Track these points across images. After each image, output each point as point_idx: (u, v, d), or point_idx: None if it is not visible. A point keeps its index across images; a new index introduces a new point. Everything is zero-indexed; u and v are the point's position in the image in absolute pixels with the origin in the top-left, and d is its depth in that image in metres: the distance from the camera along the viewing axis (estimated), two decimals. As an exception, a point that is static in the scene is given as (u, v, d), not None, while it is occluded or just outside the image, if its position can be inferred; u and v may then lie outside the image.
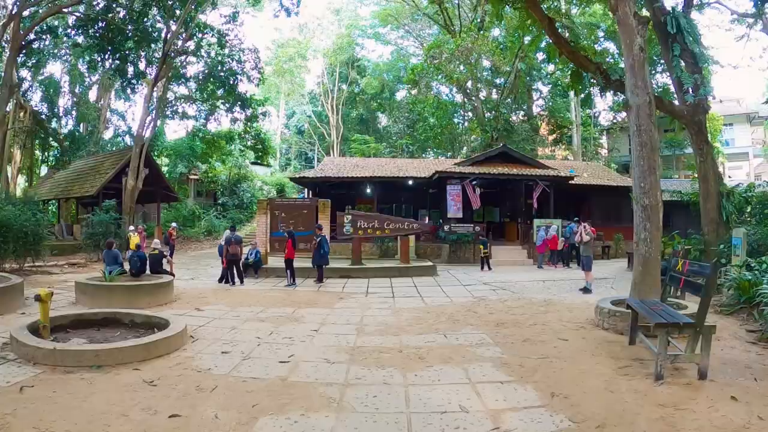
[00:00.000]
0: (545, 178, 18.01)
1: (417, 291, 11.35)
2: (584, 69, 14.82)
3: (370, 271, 13.67)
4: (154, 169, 26.45)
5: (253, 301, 10.18)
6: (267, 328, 7.65)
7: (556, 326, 7.80)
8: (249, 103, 28.55)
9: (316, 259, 12.56)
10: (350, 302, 9.99)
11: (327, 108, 44.29)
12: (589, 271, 11.36)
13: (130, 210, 23.08)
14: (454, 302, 9.84)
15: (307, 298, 10.53)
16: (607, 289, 12.09)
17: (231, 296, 10.92)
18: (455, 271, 15.22)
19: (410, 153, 33.26)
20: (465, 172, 17.65)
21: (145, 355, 5.90)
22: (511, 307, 9.38)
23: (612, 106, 42.69)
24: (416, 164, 22.76)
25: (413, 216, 23.28)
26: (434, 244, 19.04)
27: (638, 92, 8.27)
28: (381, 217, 14.51)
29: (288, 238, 12.54)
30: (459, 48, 24.72)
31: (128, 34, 24.11)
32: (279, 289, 11.93)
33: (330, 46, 45.49)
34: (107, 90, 34.54)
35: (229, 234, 13.22)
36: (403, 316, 8.40)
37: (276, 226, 15.25)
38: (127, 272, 11.01)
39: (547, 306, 9.57)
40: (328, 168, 21.71)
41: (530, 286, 12.12)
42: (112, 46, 24.25)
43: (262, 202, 15.45)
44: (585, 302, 10.08)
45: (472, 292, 11.11)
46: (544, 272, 15.14)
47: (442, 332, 7.16)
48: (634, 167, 8.22)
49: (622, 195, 22.31)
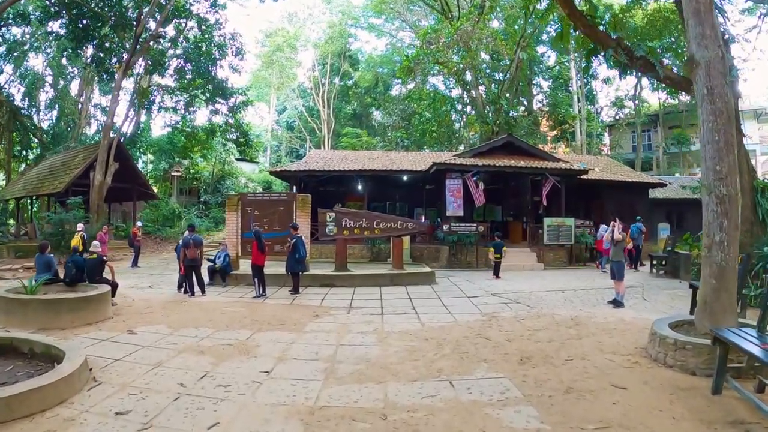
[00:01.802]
0: (557, 171, 15.91)
1: (412, 305, 9.19)
2: (603, 46, 12.87)
3: (356, 278, 11.52)
4: (129, 163, 24.38)
5: (206, 320, 8.09)
6: (202, 365, 5.55)
7: (599, 361, 5.72)
8: (230, 93, 26.39)
9: (291, 265, 10.42)
10: (326, 322, 7.83)
11: (318, 101, 42.06)
12: (621, 281, 9.26)
13: (98, 208, 21.01)
14: (459, 322, 7.70)
15: (274, 316, 8.37)
16: (639, 300, 10.02)
17: (182, 312, 8.83)
18: (457, 277, 13.07)
19: (405, 147, 31.08)
20: (466, 164, 15.51)
21: (6, 415, 3.95)
22: (533, 329, 7.25)
23: (615, 101, 41.00)
24: (411, 157, 20.60)
25: (409, 215, 21.14)
26: (432, 245, 16.92)
27: (707, 43, 6.21)
28: (370, 216, 12.33)
29: (254, 239, 10.38)
30: (458, 32, 22.56)
31: (103, 20, 22.15)
32: (244, 302, 9.80)
33: (321, 37, 43.32)
34: (89, 84, 32.55)
35: (187, 235, 11.08)
36: (392, 346, 6.25)
37: (248, 226, 13.07)
38: (60, 281, 9.01)
39: (578, 327, 7.45)
40: (314, 161, 19.50)
41: (548, 297, 9.99)
42: (87, 32, 22.32)
43: (231, 197, 13.26)
44: (621, 320, 8.03)
45: (480, 307, 8.97)
46: (556, 279, 13.03)
47: (447, 376, 5.02)
48: (705, 144, 6.13)
49: (637, 192, 20.34)
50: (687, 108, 35.70)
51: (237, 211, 13.14)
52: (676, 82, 13.71)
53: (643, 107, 38.92)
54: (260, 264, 10.34)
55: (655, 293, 10.86)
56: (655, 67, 13.55)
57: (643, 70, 13.29)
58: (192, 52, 25.44)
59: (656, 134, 38.66)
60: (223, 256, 12.40)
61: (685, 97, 36.71)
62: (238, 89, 26.92)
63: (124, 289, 11.01)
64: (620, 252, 9.32)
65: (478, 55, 23.87)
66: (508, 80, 28.09)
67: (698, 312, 6.12)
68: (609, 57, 13.99)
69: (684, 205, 23.01)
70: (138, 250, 17.00)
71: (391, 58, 41.29)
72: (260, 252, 10.25)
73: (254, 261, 10.26)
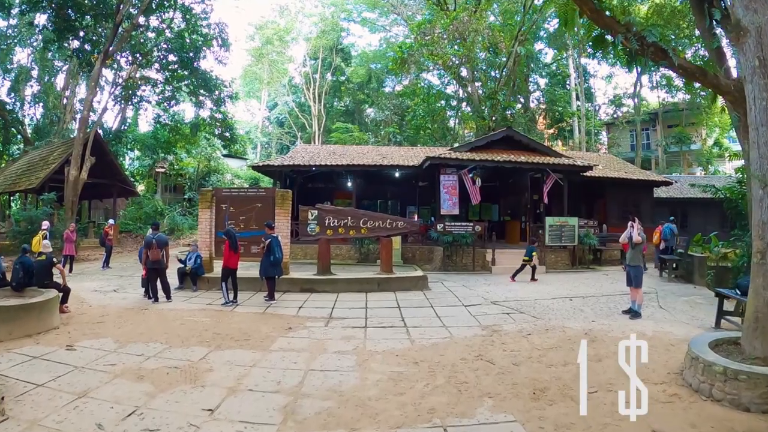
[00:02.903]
0: (560, 167, 14.79)
1: (401, 315, 8.03)
2: (611, 32, 11.79)
3: (340, 283, 10.33)
4: (108, 158, 23.19)
5: (161, 332, 6.96)
6: (135, 397, 4.45)
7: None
8: (214, 85, 25.10)
9: (265, 268, 9.22)
10: (299, 338, 6.66)
11: (308, 96, 40.75)
12: (639, 288, 8.15)
13: (72, 204, 19.71)
14: (455, 338, 6.54)
15: (240, 329, 7.19)
16: (655, 309, 8.92)
17: (138, 322, 7.71)
18: (452, 282, 11.92)
19: (398, 144, 29.89)
20: (463, 159, 14.35)
21: None
22: (542, 348, 6.12)
23: (613, 99, 40.08)
24: (404, 152, 19.42)
25: (401, 214, 20.02)
26: (425, 246, 15.77)
27: (757, 6, 5.14)
28: (356, 214, 11.14)
29: (226, 239, 9.18)
30: (454, 22, 21.41)
31: (85, 10, 20.90)
32: (212, 310, 8.62)
33: (313, 30, 42.01)
34: (74, 78, 31.22)
35: (149, 234, 9.85)
36: (373, 373, 5.09)
37: (222, 224, 11.85)
38: (8, 284, 7.90)
39: (594, 344, 6.33)
40: (300, 156, 18.24)
41: (555, 306, 8.86)
42: (69, 23, 21.11)
43: (204, 192, 12.01)
44: (641, 335, 6.89)
45: (479, 318, 7.81)
46: (561, 284, 11.92)
47: (441, 420, 3.88)
48: (757, 128, 5.04)
49: (641, 190, 19.32)
50: (687, 107, 34.92)
51: (211, 207, 11.92)
52: (691, 72, 12.57)
53: (642, 105, 38.06)
54: (233, 267, 9.16)
55: (671, 300, 9.78)
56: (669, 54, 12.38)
57: (655, 58, 12.22)
58: (175, 42, 24.15)
59: (655, 133, 37.87)
60: (194, 257, 11.20)
61: (685, 95, 36.05)
62: (222, 82, 25.65)
63: (86, 293, 10.10)
64: (639, 255, 8.22)
65: (474, 47, 22.71)
66: (506, 75, 27.01)
67: (748, 331, 5.02)
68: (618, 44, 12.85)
69: (688, 205, 22.10)
70: (110, 250, 15.87)
71: (385, 54, 40.00)
72: (233, 253, 9.07)
73: (226, 263, 9.06)
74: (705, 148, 34.39)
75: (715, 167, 33.61)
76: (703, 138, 34.91)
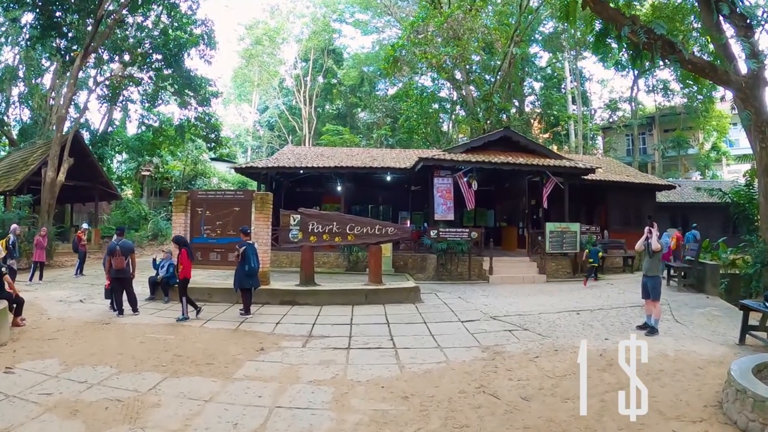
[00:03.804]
0: (561, 170, 13.96)
1: (389, 333, 7.10)
2: (616, 25, 11.08)
3: (323, 295, 9.39)
4: (89, 160, 22.29)
5: (115, 353, 6.09)
6: None
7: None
8: (199, 84, 24.18)
9: (240, 279, 8.29)
10: (270, 362, 5.73)
11: (299, 99, 39.85)
12: (657, 301, 7.29)
13: (49, 207, 18.74)
14: (452, 363, 5.62)
15: (206, 349, 6.26)
16: (671, 323, 8.07)
17: (93, 339, 6.80)
18: (446, 293, 11.00)
19: (390, 147, 29.02)
20: (458, 160, 13.48)
21: None
22: (554, 375, 5.23)
23: (609, 103, 39.55)
24: (395, 155, 18.54)
25: (393, 220, 19.11)
26: (417, 254, 14.88)
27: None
28: (342, 219, 10.19)
29: (181, 247, 8.21)
30: (449, 19, 20.65)
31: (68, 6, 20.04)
32: (180, 325, 7.68)
33: (304, 31, 41.20)
34: (61, 78, 30.19)
35: (113, 241, 8.90)
36: (353, 413, 4.16)
37: (198, 229, 10.92)
38: None
39: (612, 369, 5.45)
40: (285, 158, 17.30)
41: (561, 322, 7.97)
42: (52, 20, 20.29)
43: (179, 195, 11.04)
44: (663, 356, 6.12)
45: (478, 337, 6.90)
46: (565, 295, 11.05)
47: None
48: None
49: (643, 195, 18.57)
50: (685, 110, 34.44)
51: (186, 211, 10.97)
52: (701, 67, 11.77)
53: (639, 110, 37.60)
54: (188, 277, 8.24)
55: (686, 313, 8.94)
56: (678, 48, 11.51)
57: (663, 52, 11.41)
58: (159, 39, 23.23)
59: (651, 137, 37.39)
60: (167, 265, 10.25)
61: (682, 99, 35.58)
62: (208, 81, 24.74)
63: (50, 303, 9.34)
64: (657, 265, 7.35)
65: (470, 46, 21.95)
66: (501, 77, 26.28)
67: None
68: (624, 37, 12.00)
69: (689, 210, 21.40)
70: (83, 257, 14.94)
71: (378, 56, 39.26)
72: (189, 262, 8.14)
73: (183, 274, 8.09)
74: (702, 153, 33.92)
75: (713, 172, 33.10)
76: (700, 142, 34.43)
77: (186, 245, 8.27)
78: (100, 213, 28.38)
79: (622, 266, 16.21)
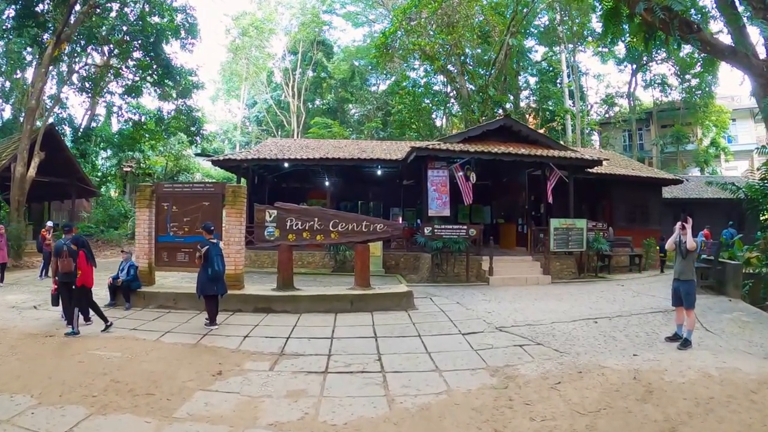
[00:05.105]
0: (566, 162, 12.85)
1: (377, 351, 5.90)
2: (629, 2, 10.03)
3: (303, 301, 8.18)
4: (64, 155, 20.99)
5: (44, 376, 5.04)
6: None
7: None
8: (179, 74, 22.86)
9: (202, 284, 7.07)
10: (224, 392, 4.53)
11: (287, 92, 38.49)
12: (692, 309, 6.19)
13: (18, 204, 17.49)
14: (455, 393, 4.44)
15: (152, 372, 5.10)
16: (703, 332, 6.99)
17: (27, 356, 5.78)
18: (443, 297, 9.83)
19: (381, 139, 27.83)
20: (455, 150, 12.29)
21: None
22: (584, 408, 4.09)
23: (605, 98, 38.64)
24: (386, 147, 17.31)
25: (384, 216, 17.94)
26: (410, 253, 13.73)
27: None
28: (325, 214, 8.98)
29: (78, 249, 6.89)
30: (443, 5, 19.47)
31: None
32: (132, 338, 6.57)
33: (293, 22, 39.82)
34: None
35: (61, 240, 7.59)
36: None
37: (164, 227, 9.69)
38: None
39: (653, 398, 4.36)
40: (267, 150, 16.01)
41: (579, 333, 6.83)
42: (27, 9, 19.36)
43: (143, 189, 9.78)
44: (707, 377, 5.06)
45: (484, 355, 5.73)
46: (576, 299, 9.95)
47: None
48: None
49: (648, 189, 17.54)
50: (684, 105, 33.66)
51: (150, 207, 9.73)
52: (720, 50, 10.65)
53: (636, 105, 36.78)
54: (90, 285, 6.97)
55: (713, 319, 7.86)
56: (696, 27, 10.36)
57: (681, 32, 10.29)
58: (136, 25, 21.87)
59: (649, 133, 36.62)
60: (127, 267, 9.05)
61: (680, 94, 34.76)
62: (189, 71, 23.42)
63: None
64: (692, 268, 6.22)
65: (464, 33, 20.80)
66: (497, 68, 25.19)
67: None
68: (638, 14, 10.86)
69: (693, 205, 20.50)
70: (48, 257, 13.56)
71: (370, 50, 38.06)
72: (89, 266, 6.89)
73: (81, 281, 6.80)
74: (701, 148, 33.14)
75: (712, 167, 32.33)
76: (699, 138, 33.65)
77: (84, 246, 6.99)
78: (80, 210, 27.05)
79: (628, 265, 15.19)
